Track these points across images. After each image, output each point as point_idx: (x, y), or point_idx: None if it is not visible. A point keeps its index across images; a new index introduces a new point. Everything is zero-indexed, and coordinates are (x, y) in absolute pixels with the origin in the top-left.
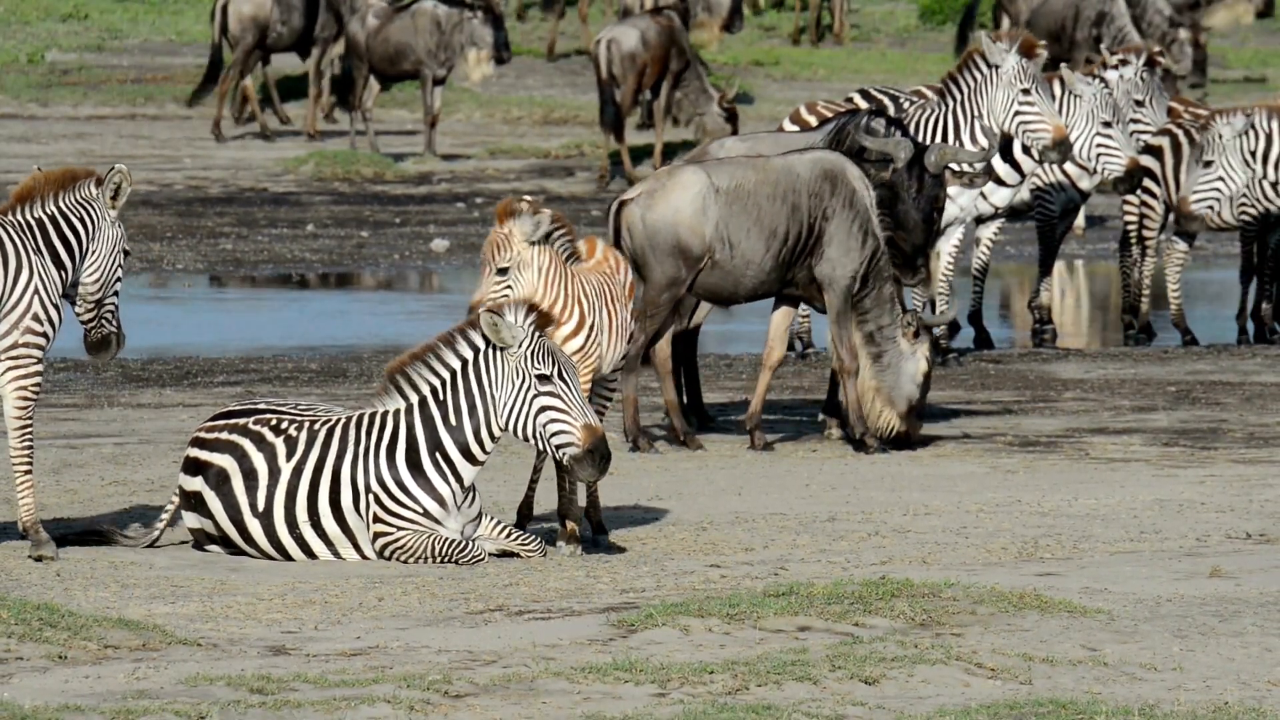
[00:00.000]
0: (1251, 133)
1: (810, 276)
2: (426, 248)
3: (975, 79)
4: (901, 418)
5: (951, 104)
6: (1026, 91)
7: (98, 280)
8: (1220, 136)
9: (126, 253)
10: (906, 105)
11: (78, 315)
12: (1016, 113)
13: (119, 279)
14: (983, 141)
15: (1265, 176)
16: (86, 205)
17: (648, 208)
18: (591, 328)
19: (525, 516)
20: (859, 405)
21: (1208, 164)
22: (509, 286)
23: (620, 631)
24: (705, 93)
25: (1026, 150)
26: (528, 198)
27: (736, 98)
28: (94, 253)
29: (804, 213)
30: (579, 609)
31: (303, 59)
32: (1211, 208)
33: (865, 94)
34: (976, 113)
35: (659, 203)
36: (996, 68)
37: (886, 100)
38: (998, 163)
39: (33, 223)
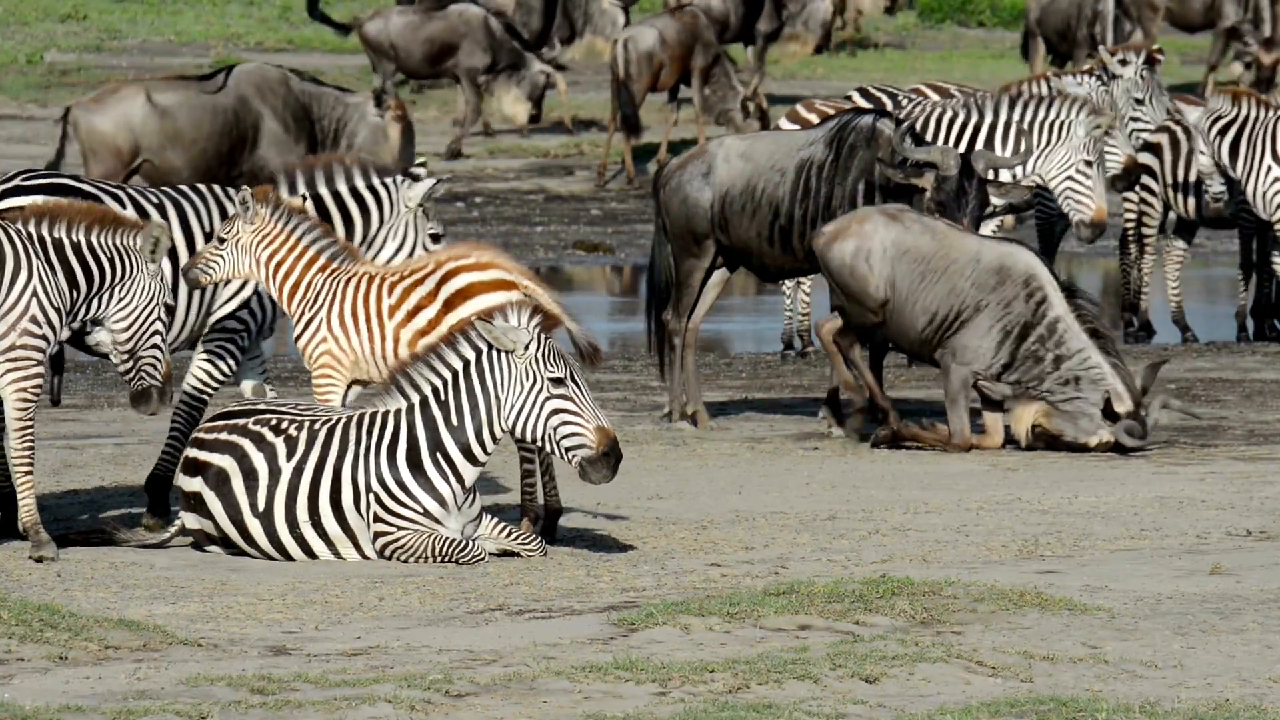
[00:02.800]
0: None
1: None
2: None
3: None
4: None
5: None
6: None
7: (128, 331)
8: None
9: (170, 307)
10: (905, 103)
11: (115, 364)
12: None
13: (157, 332)
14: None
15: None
16: (123, 252)
17: (827, 247)
18: (311, 324)
19: (555, 513)
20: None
21: None
22: (220, 257)
23: (621, 630)
24: (734, 89)
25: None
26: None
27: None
28: (123, 301)
29: (960, 298)
30: (579, 608)
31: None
32: None
33: (864, 93)
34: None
35: (835, 244)
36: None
37: (885, 99)
38: None
39: (47, 238)
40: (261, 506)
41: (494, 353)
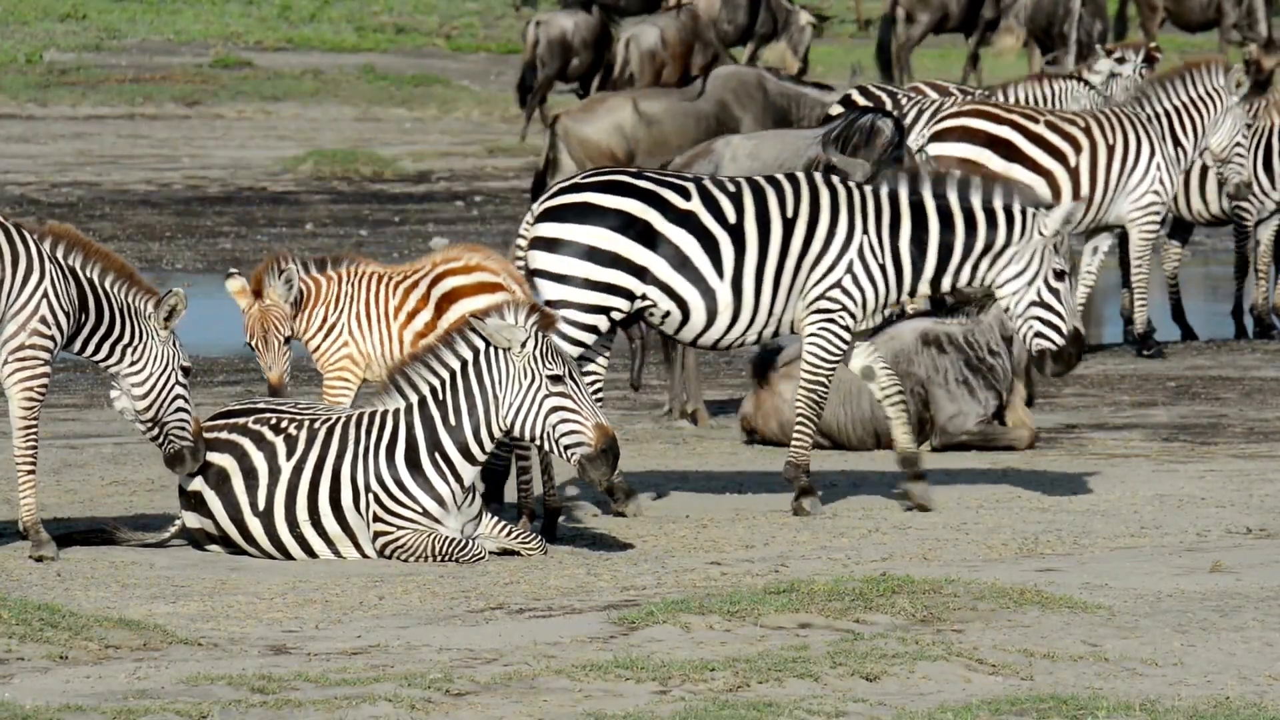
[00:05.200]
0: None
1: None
2: (425, 246)
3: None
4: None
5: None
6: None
7: (147, 399)
8: None
9: (186, 369)
10: (904, 102)
11: (142, 433)
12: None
13: (179, 396)
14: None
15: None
16: (138, 314)
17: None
18: (335, 327)
19: (555, 512)
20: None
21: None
22: (280, 337)
23: (621, 629)
24: None
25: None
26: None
27: None
28: (136, 367)
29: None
30: (580, 607)
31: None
32: None
33: (864, 91)
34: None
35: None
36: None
37: (885, 97)
38: None
39: (62, 262)
40: (261, 505)
41: (492, 351)
